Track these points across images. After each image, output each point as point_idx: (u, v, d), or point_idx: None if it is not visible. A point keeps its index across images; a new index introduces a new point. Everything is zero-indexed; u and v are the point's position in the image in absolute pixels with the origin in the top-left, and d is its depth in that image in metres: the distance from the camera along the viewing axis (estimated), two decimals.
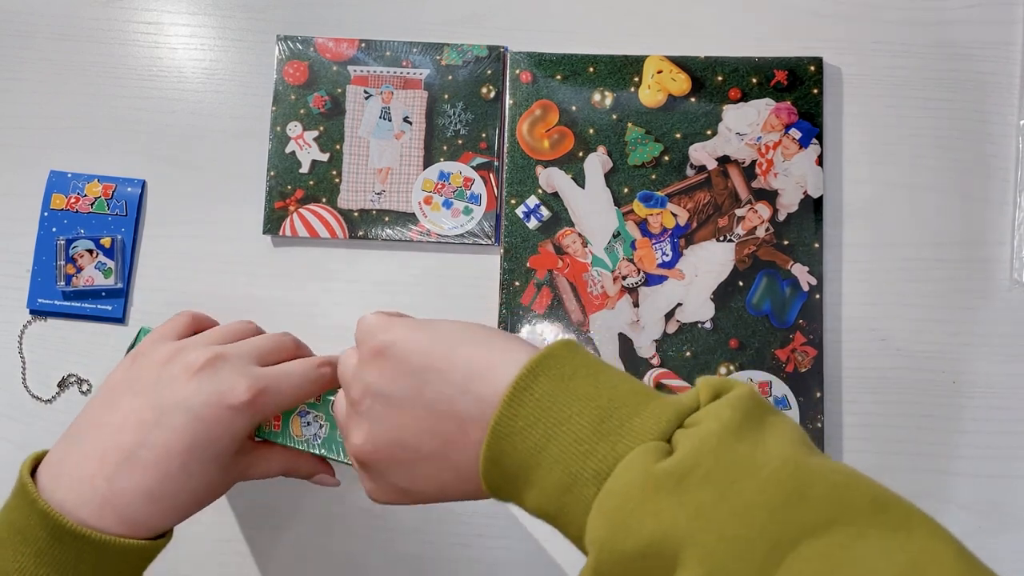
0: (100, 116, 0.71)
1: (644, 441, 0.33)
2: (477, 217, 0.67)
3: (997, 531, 0.63)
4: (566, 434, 0.35)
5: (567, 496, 0.34)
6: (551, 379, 0.36)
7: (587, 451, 0.34)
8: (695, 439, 0.32)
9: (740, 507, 0.29)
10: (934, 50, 0.69)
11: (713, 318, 0.65)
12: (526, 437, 0.36)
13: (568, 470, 0.34)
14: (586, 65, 0.68)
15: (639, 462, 0.32)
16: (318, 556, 0.65)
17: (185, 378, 0.48)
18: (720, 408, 0.33)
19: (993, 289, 0.66)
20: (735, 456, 0.31)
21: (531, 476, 0.36)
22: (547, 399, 0.36)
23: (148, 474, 0.47)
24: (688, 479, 0.31)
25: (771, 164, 0.66)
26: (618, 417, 0.34)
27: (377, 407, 0.42)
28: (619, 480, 0.32)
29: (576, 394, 0.36)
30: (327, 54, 0.70)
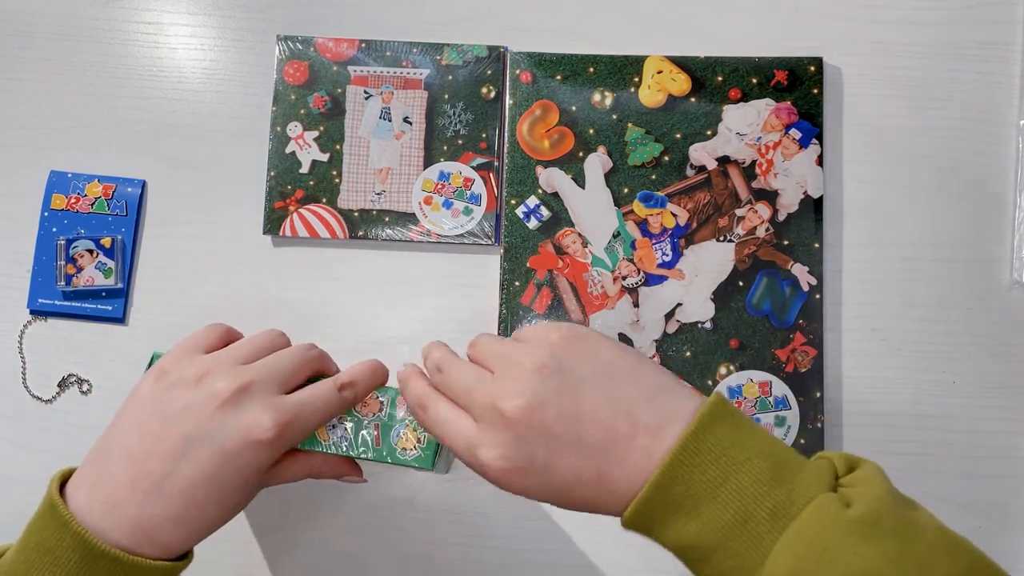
0: (100, 116, 0.71)
1: (820, 491, 0.38)
2: (477, 217, 0.67)
3: (997, 531, 0.64)
4: (745, 475, 0.39)
5: (738, 531, 0.38)
6: (727, 424, 0.40)
7: (764, 493, 0.38)
8: (870, 497, 0.38)
9: (917, 559, 0.36)
10: (934, 50, 0.69)
11: (713, 318, 0.65)
12: (706, 471, 0.39)
13: (744, 507, 0.38)
14: (586, 65, 0.68)
15: (829, 507, 0.37)
16: (318, 556, 0.65)
17: (211, 409, 0.48)
18: (873, 475, 0.40)
19: (993, 289, 0.66)
20: (906, 517, 0.38)
21: (700, 509, 0.39)
22: (726, 441, 0.40)
23: (176, 502, 0.47)
24: (876, 529, 0.36)
25: (771, 164, 0.66)
26: (789, 468, 0.39)
27: (556, 381, 0.43)
28: (810, 521, 0.37)
29: (750, 442, 0.40)
30: (327, 54, 0.70)
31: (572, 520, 0.65)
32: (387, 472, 0.65)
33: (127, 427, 0.50)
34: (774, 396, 0.64)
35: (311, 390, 0.51)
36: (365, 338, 0.67)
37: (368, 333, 0.67)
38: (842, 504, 0.38)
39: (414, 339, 0.67)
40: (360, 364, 0.54)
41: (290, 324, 0.67)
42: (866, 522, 0.37)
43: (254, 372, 0.50)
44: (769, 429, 0.63)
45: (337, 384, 0.52)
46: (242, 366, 0.51)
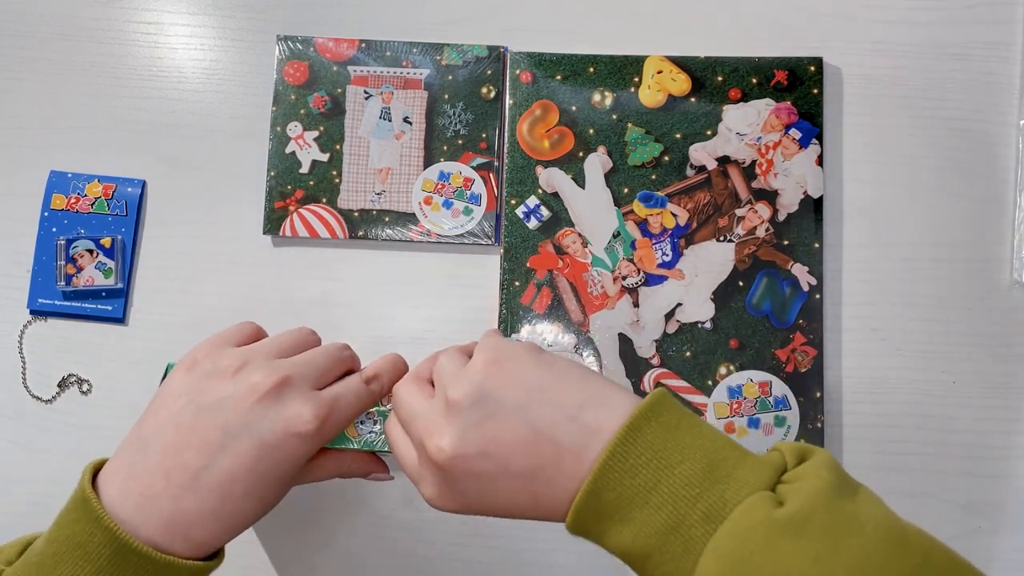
0: (100, 116, 0.71)
1: (753, 491, 0.37)
2: (477, 217, 0.67)
3: (997, 531, 0.64)
4: (676, 477, 0.38)
5: (671, 536, 0.37)
6: (661, 425, 0.40)
7: (696, 495, 0.37)
8: (805, 494, 0.36)
9: (852, 558, 0.34)
10: (934, 50, 0.69)
11: (713, 318, 0.65)
12: (635, 476, 0.39)
13: (677, 511, 0.37)
14: (586, 65, 0.68)
15: (758, 508, 0.36)
16: (319, 555, 0.65)
17: (251, 401, 0.47)
18: (817, 468, 0.38)
19: (993, 289, 0.66)
20: (842, 512, 0.36)
21: (632, 514, 0.39)
22: (658, 443, 0.39)
23: (212, 496, 0.46)
24: (806, 529, 0.34)
25: (771, 164, 0.66)
26: (724, 467, 0.38)
27: (477, 412, 0.43)
28: (737, 523, 0.36)
29: (683, 442, 0.39)
30: (327, 54, 0.70)
31: None
32: None
33: (162, 418, 0.48)
34: (774, 396, 0.64)
35: (343, 385, 0.51)
36: (365, 338, 0.67)
37: (368, 333, 0.67)
38: (774, 503, 0.36)
39: (414, 339, 0.67)
40: (382, 358, 0.54)
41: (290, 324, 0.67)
42: (794, 522, 0.35)
43: (292, 366, 0.50)
44: (769, 429, 0.63)
45: (364, 378, 0.52)
46: (279, 360, 0.50)
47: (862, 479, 0.64)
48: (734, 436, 0.63)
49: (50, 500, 0.66)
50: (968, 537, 0.64)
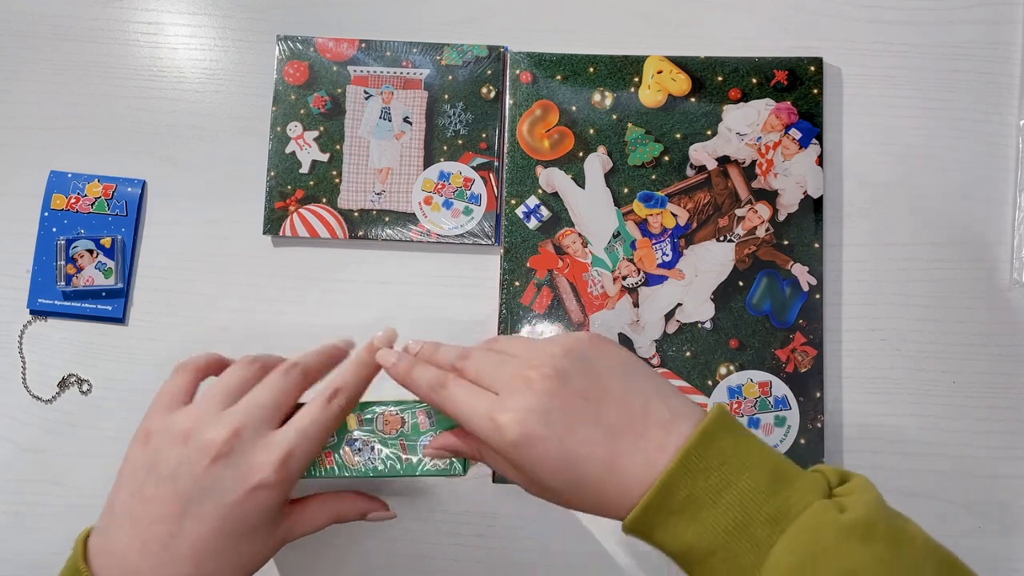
0: (100, 116, 0.71)
1: (813, 498, 0.40)
2: (477, 217, 0.67)
3: (997, 531, 0.64)
4: (744, 482, 0.41)
5: (737, 535, 0.40)
6: (730, 434, 0.43)
7: (763, 500, 0.40)
8: (866, 504, 0.40)
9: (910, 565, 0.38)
10: (934, 50, 0.69)
11: (713, 318, 0.65)
12: (708, 477, 0.41)
13: (745, 512, 0.40)
14: (586, 65, 0.68)
15: (828, 511, 0.39)
16: (319, 556, 0.65)
17: (205, 464, 0.47)
18: (866, 485, 0.42)
19: (993, 289, 0.66)
20: (899, 525, 0.40)
21: (700, 513, 0.41)
22: (728, 450, 0.42)
23: (188, 561, 0.47)
24: (872, 533, 0.38)
25: (771, 164, 0.66)
26: (785, 478, 0.41)
27: (581, 364, 0.45)
28: (809, 522, 0.39)
29: (749, 452, 0.42)
30: (327, 54, 0.70)
31: (572, 522, 0.65)
32: None
33: (126, 494, 0.49)
34: (774, 396, 0.64)
35: (301, 416, 0.50)
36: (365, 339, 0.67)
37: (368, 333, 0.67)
38: (837, 509, 0.40)
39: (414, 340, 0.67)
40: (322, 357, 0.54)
41: (290, 324, 0.67)
42: (861, 525, 0.38)
43: (241, 415, 0.49)
44: (769, 429, 0.64)
45: (325, 397, 0.51)
46: (226, 411, 0.49)
47: None
48: None
49: (50, 500, 0.66)
50: (968, 537, 0.64)
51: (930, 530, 0.63)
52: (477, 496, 0.65)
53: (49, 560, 0.66)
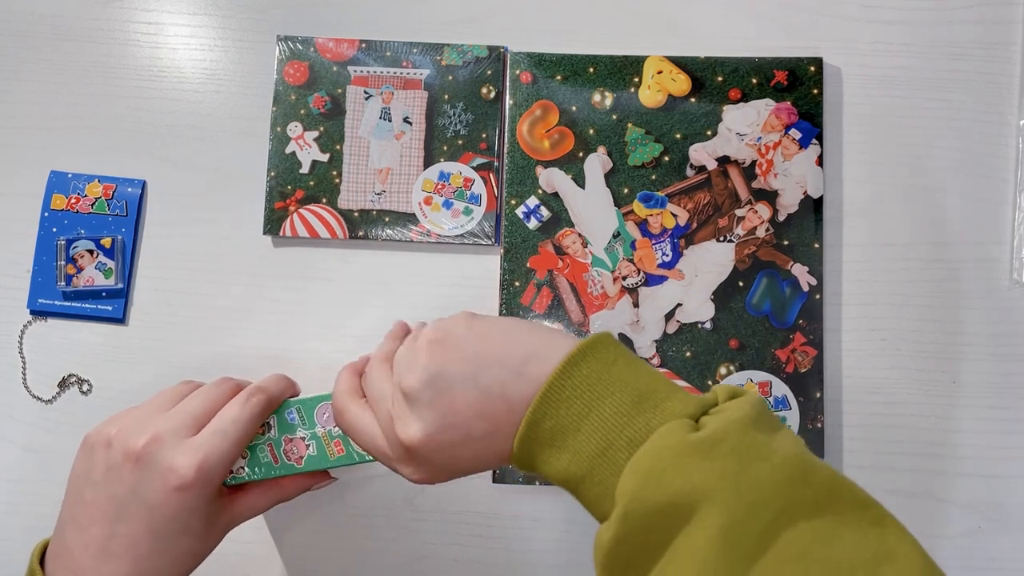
0: (100, 116, 0.71)
1: (675, 419, 0.40)
2: (477, 217, 0.67)
3: (997, 531, 0.64)
4: (607, 407, 0.41)
5: (600, 459, 0.40)
6: (597, 361, 0.42)
7: (624, 423, 0.40)
8: (722, 421, 0.39)
9: (756, 479, 0.36)
10: (934, 50, 0.69)
11: (713, 318, 0.65)
12: (571, 405, 0.42)
13: (606, 437, 0.40)
14: (586, 65, 0.68)
15: (675, 431, 0.39)
16: (319, 556, 0.65)
17: (129, 466, 0.50)
18: (740, 403, 0.40)
19: (993, 289, 0.66)
20: (754, 440, 0.38)
21: (568, 441, 0.41)
22: (593, 376, 0.42)
23: (125, 560, 0.50)
24: (716, 449, 0.37)
25: (771, 164, 0.66)
26: (653, 399, 0.41)
27: (430, 392, 0.44)
28: (655, 443, 0.39)
29: (617, 376, 0.42)
30: (327, 54, 0.70)
31: (572, 521, 0.65)
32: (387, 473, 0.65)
33: (70, 501, 0.52)
34: (774, 396, 0.64)
35: (218, 418, 0.52)
36: (365, 339, 0.67)
37: (368, 334, 0.67)
38: (691, 429, 0.39)
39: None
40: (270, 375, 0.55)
41: (289, 324, 0.67)
42: (707, 443, 0.38)
43: (162, 421, 0.51)
44: None
45: (244, 396, 0.53)
46: (150, 418, 0.52)
47: (862, 479, 0.64)
48: None
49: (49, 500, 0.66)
50: (968, 537, 0.64)
51: (930, 530, 0.64)
52: (476, 496, 0.65)
53: None
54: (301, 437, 0.53)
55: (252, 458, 0.53)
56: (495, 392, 0.43)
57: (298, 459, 0.53)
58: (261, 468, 0.53)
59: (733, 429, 0.38)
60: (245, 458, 0.54)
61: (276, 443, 0.53)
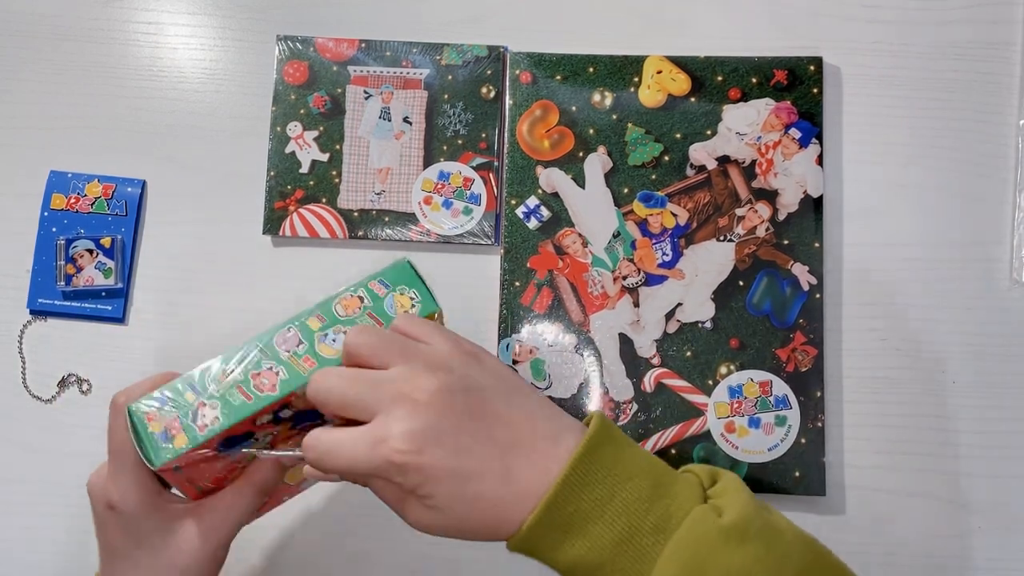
0: (100, 116, 0.71)
1: (692, 504, 0.41)
2: (477, 217, 0.67)
3: (997, 531, 0.63)
4: (628, 492, 0.41)
5: (624, 546, 0.40)
6: (613, 445, 0.43)
7: (647, 509, 0.41)
8: (740, 505, 0.41)
9: (781, 557, 0.40)
10: (934, 50, 0.69)
11: (713, 318, 0.65)
12: (593, 490, 0.41)
13: (629, 524, 0.40)
14: (586, 65, 0.68)
15: (708, 518, 0.40)
16: (320, 555, 0.65)
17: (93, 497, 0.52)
18: (737, 484, 0.43)
19: (993, 289, 0.66)
20: (769, 521, 0.41)
21: (588, 527, 0.41)
22: (611, 461, 0.42)
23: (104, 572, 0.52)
24: (747, 534, 0.40)
25: (771, 164, 0.66)
26: (665, 484, 0.42)
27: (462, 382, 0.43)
28: (691, 532, 0.40)
29: (631, 461, 0.42)
30: (327, 54, 0.70)
31: None
32: None
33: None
34: (775, 396, 0.64)
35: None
36: None
37: None
38: (715, 513, 0.41)
39: None
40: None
41: None
42: (738, 528, 0.40)
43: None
44: (770, 429, 0.63)
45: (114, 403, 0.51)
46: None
47: (862, 478, 0.64)
48: (735, 435, 0.63)
49: (49, 500, 0.66)
50: (968, 537, 0.64)
51: (930, 530, 0.64)
52: None
53: (49, 560, 0.66)
54: (268, 367, 0.51)
55: (224, 404, 0.51)
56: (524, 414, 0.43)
57: (271, 387, 0.51)
58: (234, 411, 0.51)
59: (752, 512, 0.41)
60: (216, 408, 0.52)
61: (245, 383, 0.52)
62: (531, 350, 0.66)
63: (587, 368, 0.65)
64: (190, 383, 0.50)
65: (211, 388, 0.49)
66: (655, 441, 0.64)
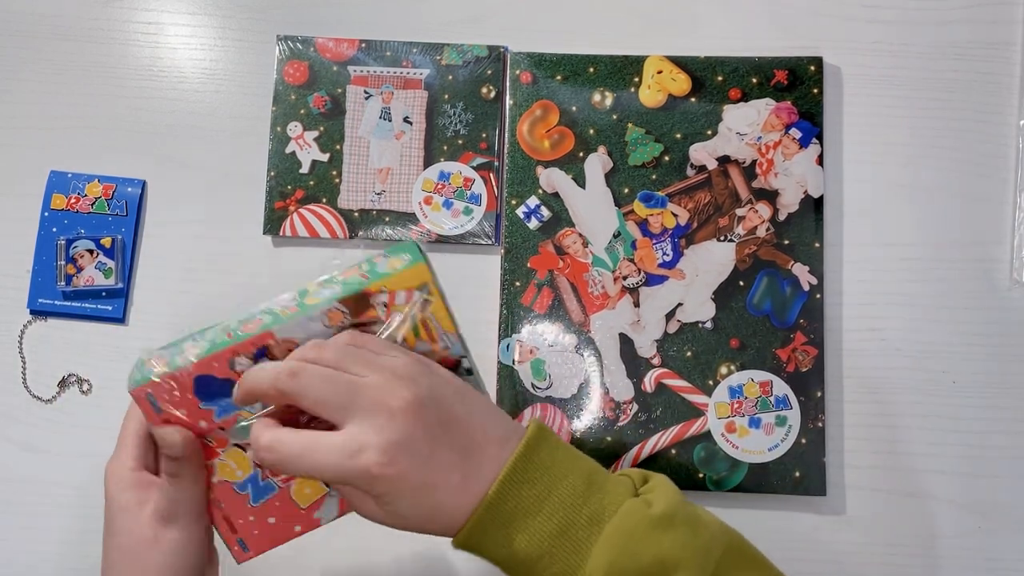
0: (100, 116, 0.71)
1: (623, 498, 0.44)
2: (477, 217, 0.67)
3: (997, 531, 0.64)
4: (564, 489, 0.44)
5: (560, 539, 0.43)
6: (549, 446, 0.45)
7: (581, 503, 0.44)
8: (667, 497, 0.44)
9: (705, 542, 0.44)
10: (934, 50, 0.69)
11: (714, 318, 0.65)
12: (532, 487, 0.44)
13: (566, 517, 0.43)
14: (586, 65, 0.68)
15: (638, 509, 0.44)
16: (320, 555, 0.65)
17: None
18: (665, 482, 0.46)
19: (993, 289, 0.66)
20: (692, 513, 0.45)
21: (526, 521, 0.43)
22: (548, 461, 0.45)
23: None
24: (674, 522, 0.43)
25: (771, 164, 0.66)
26: (598, 481, 0.45)
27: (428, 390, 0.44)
28: (624, 521, 0.43)
29: (566, 461, 0.45)
30: (327, 54, 0.70)
31: None
32: None
33: None
34: (775, 396, 0.64)
35: None
36: None
37: None
38: (645, 505, 0.44)
39: None
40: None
41: None
42: (666, 515, 0.43)
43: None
44: (770, 429, 0.64)
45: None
46: None
47: (862, 478, 0.64)
48: (735, 435, 0.64)
49: (48, 500, 0.66)
50: (968, 537, 0.64)
51: (930, 530, 0.64)
52: None
53: (49, 560, 0.66)
54: (258, 317, 0.51)
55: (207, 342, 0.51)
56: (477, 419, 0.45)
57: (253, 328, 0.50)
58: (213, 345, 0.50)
59: (677, 503, 0.44)
60: (199, 345, 0.50)
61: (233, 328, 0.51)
62: (531, 350, 0.66)
63: (587, 368, 0.65)
64: (193, 333, 0.52)
65: (208, 334, 0.51)
66: (655, 441, 0.64)
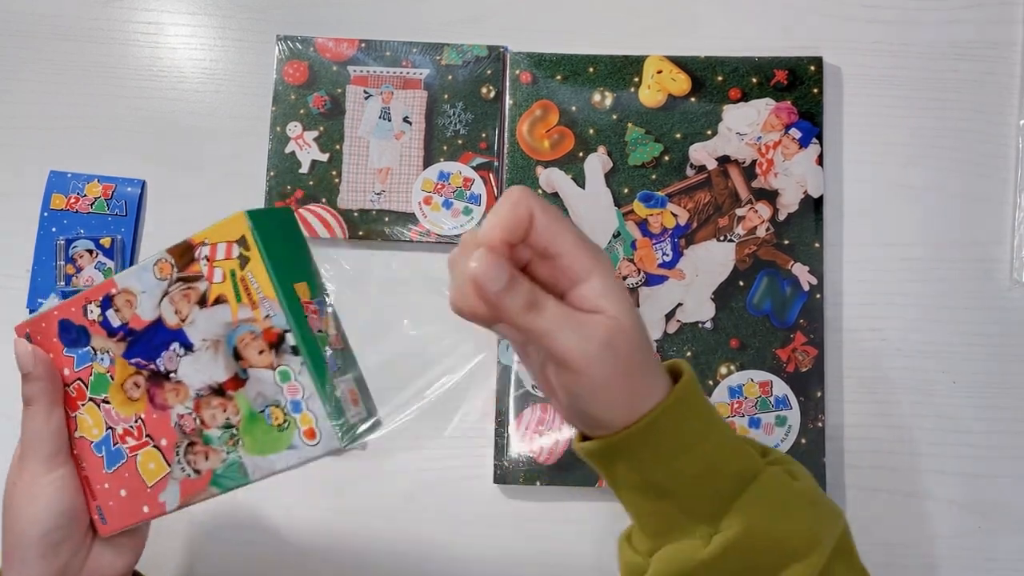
0: (100, 116, 0.71)
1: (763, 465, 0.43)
2: (477, 217, 0.67)
3: (997, 531, 0.63)
4: (718, 437, 0.42)
5: (702, 483, 0.41)
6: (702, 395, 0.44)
7: (730, 457, 0.42)
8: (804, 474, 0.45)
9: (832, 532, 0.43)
10: (934, 50, 0.69)
11: (714, 318, 0.65)
12: (694, 421, 0.42)
13: (713, 465, 0.42)
14: (586, 65, 0.68)
15: (782, 479, 0.43)
16: (320, 555, 0.65)
17: None
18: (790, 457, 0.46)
19: (993, 289, 0.66)
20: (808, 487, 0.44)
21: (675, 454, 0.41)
22: (703, 408, 0.43)
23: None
24: (814, 501, 0.43)
25: (771, 164, 0.66)
26: (739, 439, 0.44)
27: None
28: (768, 485, 0.42)
29: (715, 412, 0.43)
30: (327, 54, 0.70)
31: (571, 520, 0.65)
32: (387, 470, 0.65)
33: None
34: (775, 396, 0.64)
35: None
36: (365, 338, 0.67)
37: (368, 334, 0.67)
38: (790, 477, 0.44)
39: (414, 340, 0.67)
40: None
41: None
42: (807, 495, 0.43)
43: None
44: (770, 429, 0.64)
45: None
46: None
47: (862, 478, 0.64)
48: None
49: None
50: (968, 537, 0.64)
51: (930, 530, 0.64)
52: (476, 496, 0.65)
53: None
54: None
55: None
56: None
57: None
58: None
59: (814, 485, 0.44)
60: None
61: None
62: None
63: None
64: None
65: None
66: None
